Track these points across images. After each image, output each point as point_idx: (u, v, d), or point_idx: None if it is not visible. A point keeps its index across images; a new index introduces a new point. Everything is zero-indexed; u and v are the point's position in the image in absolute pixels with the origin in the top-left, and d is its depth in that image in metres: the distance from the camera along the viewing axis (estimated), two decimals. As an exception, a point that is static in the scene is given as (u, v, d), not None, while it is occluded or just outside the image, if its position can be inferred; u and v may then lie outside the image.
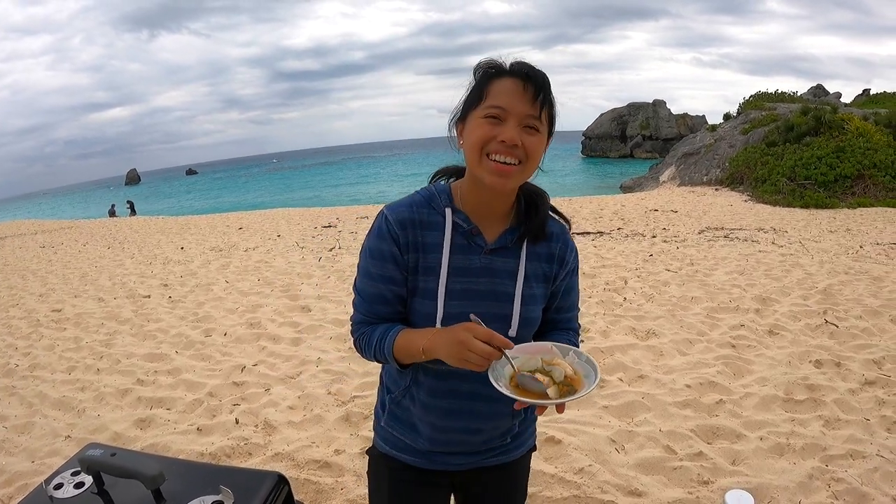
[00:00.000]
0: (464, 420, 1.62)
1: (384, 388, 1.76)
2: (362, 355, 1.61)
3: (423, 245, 1.51)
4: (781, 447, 3.59)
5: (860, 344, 5.15)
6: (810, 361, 4.83)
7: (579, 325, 1.78)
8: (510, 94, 1.38)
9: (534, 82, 1.39)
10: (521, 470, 1.87)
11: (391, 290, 1.53)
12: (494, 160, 1.39)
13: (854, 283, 7.22)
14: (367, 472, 1.86)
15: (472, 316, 1.39)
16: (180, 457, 3.67)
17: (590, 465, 3.40)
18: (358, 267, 1.60)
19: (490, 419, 1.62)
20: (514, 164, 1.40)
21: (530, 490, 3.20)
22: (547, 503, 3.13)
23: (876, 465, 3.33)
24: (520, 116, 1.39)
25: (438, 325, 1.49)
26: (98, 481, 1.38)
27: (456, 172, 1.64)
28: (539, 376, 1.36)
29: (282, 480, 1.44)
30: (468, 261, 1.53)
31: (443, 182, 1.65)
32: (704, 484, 3.25)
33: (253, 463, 3.67)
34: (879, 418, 3.90)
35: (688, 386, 4.42)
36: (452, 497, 1.87)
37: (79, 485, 1.41)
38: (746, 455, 3.52)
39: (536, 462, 3.48)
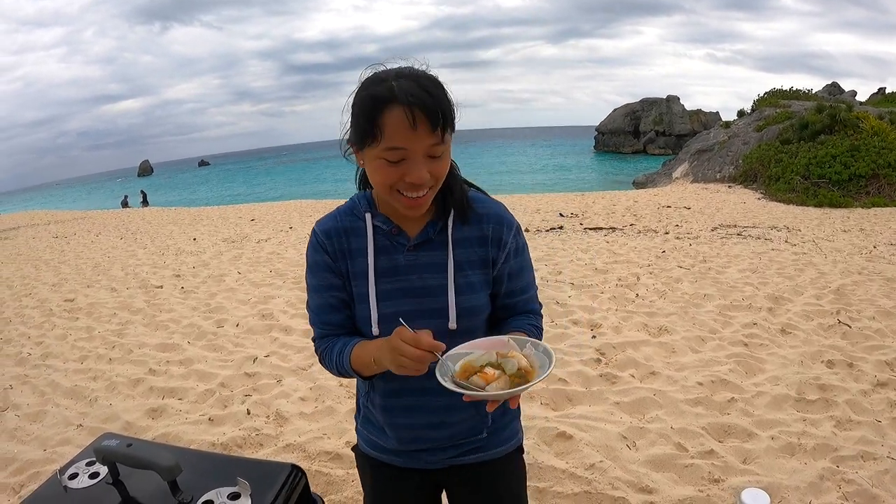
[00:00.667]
0: (423, 415, 1.61)
1: (358, 392, 1.79)
2: (327, 370, 1.62)
3: (349, 251, 1.54)
4: (793, 447, 3.57)
5: (873, 345, 5.11)
6: (822, 361, 4.81)
7: (540, 305, 1.73)
8: (405, 132, 1.30)
9: (428, 113, 1.29)
10: (509, 472, 1.81)
11: (335, 297, 1.56)
12: (406, 195, 1.38)
13: (867, 284, 7.17)
14: (357, 468, 1.88)
15: (400, 320, 1.36)
16: (192, 447, 3.68)
17: (601, 462, 3.40)
18: (306, 287, 1.62)
19: (449, 411, 1.59)
20: (427, 191, 1.39)
21: (541, 485, 3.21)
22: (558, 498, 3.13)
23: (887, 468, 3.31)
24: (423, 150, 1.33)
25: (374, 327, 1.50)
26: (113, 472, 1.39)
27: None
28: (489, 370, 1.34)
29: (298, 472, 1.44)
30: (393, 260, 1.53)
31: (364, 191, 1.63)
32: (715, 482, 3.24)
33: (264, 454, 3.69)
34: (891, 420, 3.87)
35: (700, 384, 4.41)
36: (445, 499, 1.86)
37: (94, 475, 1.42)
38: (757, 454, 3.51)
39: (548, 457, 3.48)
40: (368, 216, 1.54)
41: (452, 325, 1.50)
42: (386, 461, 1.72)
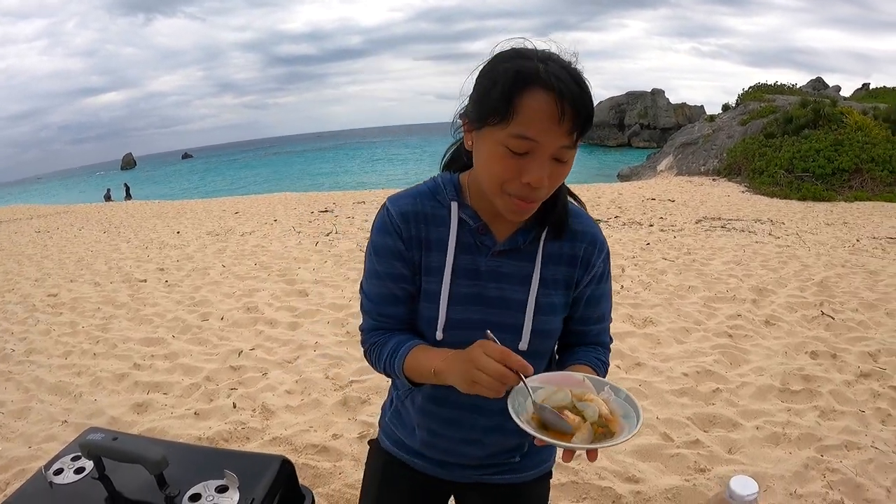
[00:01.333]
0: (463, 431, 1.47)
1: (392, 385, 1.63)
2: (373, 367, 1.46)
3: (426, 241, 1.36)
4: (777, 436, 3.60)
5: (856, 336, 5.16)
6: (806, 352, 4.85)
7: (611, 339, 1.56)
8: (544, 122, 1.11)
9: (576, 107, 1.12)
10: (535, 497, 1.68)
11: (401, 289, 1.39)
12: (515, 196, 1.20)
13: (850, 276, 7.23)
14: (365, 462, 1.75)
15: (487, 332, 1.19)
16: (179, 441, 3.67)
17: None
18: (364, 268, 1.45)
19: (492, 432, 1.47)
20: (537, 200, 1.23)
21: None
22: (544, 490, 3.14)
23: (871, 457, 3.35)
24: (552, 150, 1.15)
25: (440, 331, 1.34)
26: (99, 466, 1.37)
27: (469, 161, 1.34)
28: (567, 414, 1.14)
29: (286, 464, 1.43)
30: (474, 262, 1.36)
31: (450, 173, 1.43)
32: (701, 472, 3.27)
33: (251, 447, 3.68)
34: (874, 410, 3.92)
35: (685, 374, 4.43)
36: None
37: (79, 470, 1.40)
38: (743, 444, 3.54)
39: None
40: (455, 205, 1.36)
41: (524, 345, 1.35)
42: (407, 462, 1.60)
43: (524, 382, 1.14)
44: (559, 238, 1.38)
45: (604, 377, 1.39)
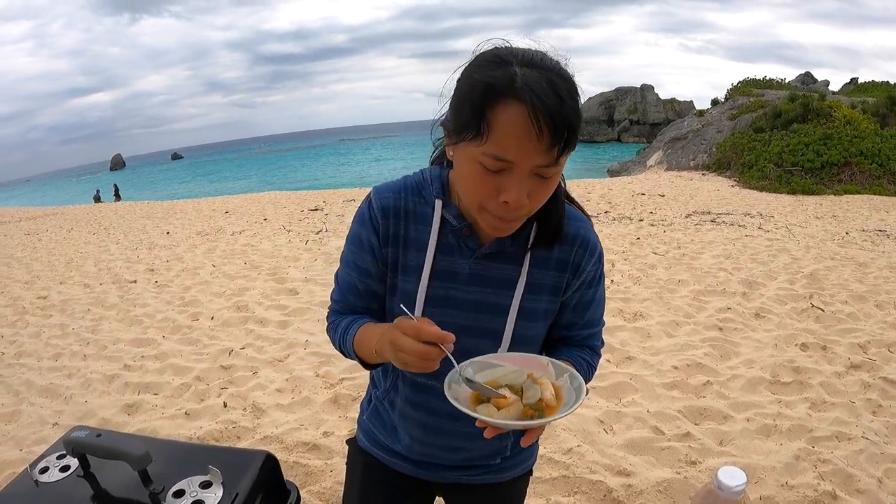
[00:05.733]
0: (443, 438, 1.44)
1: (371, 383, 1.59)
2: (334, 347, 1.43)
3: (405, 239, 1.30)
4: (768, 428, 3.61)
5: (846, 328, 5.18)
6: (796, 345, 4.86)
7: (602, 343, 1.50)
8: (520, 139, 1.01)
9: (553, 124, 1.00)
10: (514, 493, 1.66)
11: (364, 284, 1.36)
12: (494, 215, 1.13)
13: (840, 269, 7.26)
14: (346, 463, 1.70)
15: (401, 306, 1.16)
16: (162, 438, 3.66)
17: (578, 446, 3.42)
18: (342, 253, 1.41)
19: (472, 439, 1.42)
20: (518, 218, 1.16)
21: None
22: (536, 483, 3.14)
23: (861, 447, 3.36)
24: (530, 168, 1.06)
25: (395, 321, 1.20)
26: (84, 464, 1.36)
27: None
28: (506, 392, 1.13)
29: (270, 459, 1.42)
30: (455, 264, 1.29)
31: (440, 167, 1.35)
32: (692, 464, 3.27)
33: (242, 446, 3.66)
34: (865, 401, 3.93)
35: (675, 367, 4.44)
36: None
37: (64, 468, 1.39)
38: (733, 436, 3.54)
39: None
40: (439, 203, 1.29)
41: (503, 351, 1.29)
42: (386, 463, 1.56)
43: (451, 357, 1.10)
44: (553, 243, 1.31)
45: (589, 378, 1.36)
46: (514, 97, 1.00)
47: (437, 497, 1.68)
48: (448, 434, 1.41)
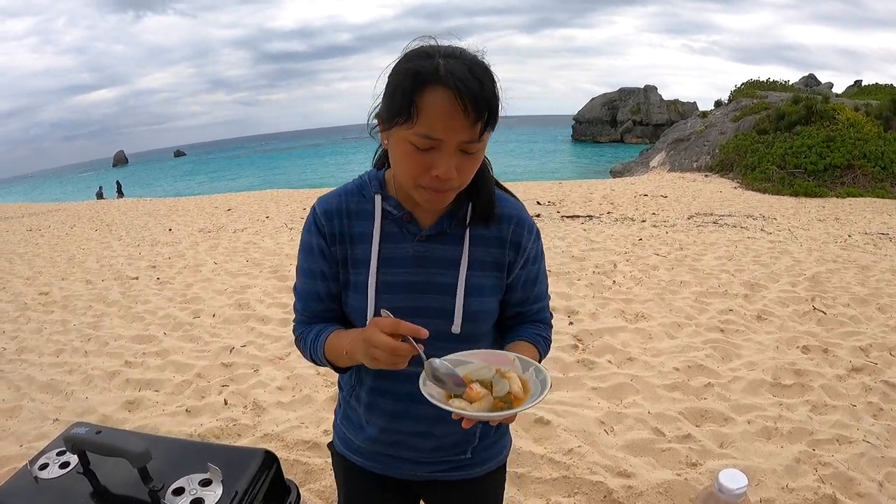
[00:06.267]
0: (409, 423, 1.49)
1: (339, 387, 1.66)
2: (305, 359, 1.51)
3: (350, 236, 1.41)
4: (769, 431, 3.61)
5: (847, 331, 5.17)
6: (798, 347, 4.85)
7: (551, 315, 1.63)
8: (446, 119, 1.16)
9: (475, 102, 1.15)
10: (491, 490, 1.72)
11: (322, 286, 1.44)
12: (428, 189, 1.25)
13: (842, 272, 7.24)
14: (332, 466, 1.77)
15: (382, 310, 1.23)
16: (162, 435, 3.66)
17: (579, 447, 3.41)
18: (296, 267, 1.51)
19: (437, 423, 1.46)
20: (450, 191, 1.27)
21: (520, 471, 3.22)
22: (536, 484, 3.14)
23: (862, 451, 3.35)
24: (456, 144, 1.19)
25: (369, 320, 1.32)
26: (83, 460, 1.36)
27: None
28: (476, 386, 1.22)
29: (271, 457, 1.42)
30: (400, 250, 1.39)
31: (376, 170, 1.49)
32: (693, 466, 3.27)
33: (242, 444, 3.65)
34: (866, 404, 3.92)
35: (676, 369, 4.43)
36: None
37: (64, 465, 1.39)
38: (734, 438, 3.53)
39: (526, 443, 3.49)
40: (378, 198, 1.41)
41: (456, 328, 1.38)
42: (361, 465, 1.61)
43: (422, 355, 1.18)
44: (486, 222, 1.42)
45: (547, 350, 1.53)
46: (439, 83, 1.14)
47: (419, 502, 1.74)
48: (414, 418, 1.45)
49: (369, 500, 1.65)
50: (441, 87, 1.14)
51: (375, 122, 1.31)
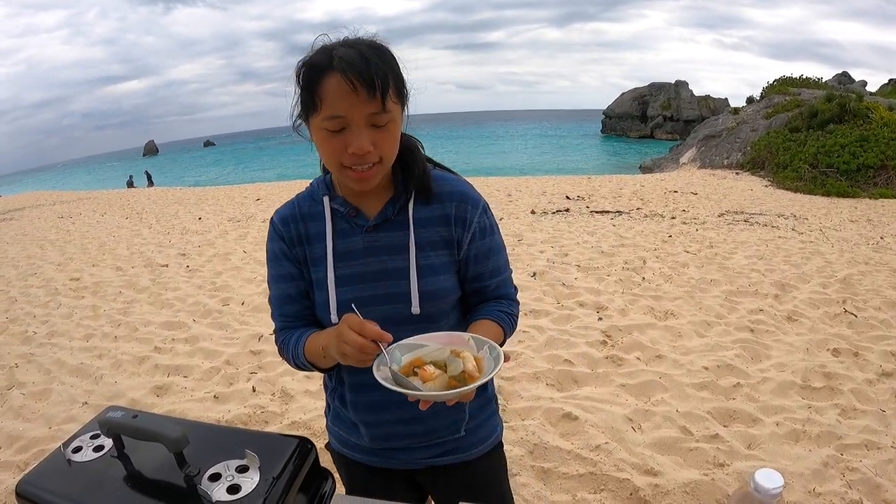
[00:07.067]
0: (394, 411, 1.53)
1: (325, 389, 1.71)
2: (289, 365, 1.56)
3: (307, 237, 1.50)
4: (797, 433, 3.57)
5: (879, 335, 5.09)
6: (828, 350, 4.79)
7: (516, 289, 1.65)
8: (345, 98, 1.25)
9: (364, 78, 1.24)
10: (491, 471, 1.74)
11: (293, 286, 1.53)
12: (353, 169, 1.32)
13: (874, 274, 7.14)
14: (335, 465, 1.79)
15: (352, 306, 1.32)
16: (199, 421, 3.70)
17: (606, 443, 3.40)
18: (266, 279, 1.62)
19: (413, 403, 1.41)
20: (374, 165, 1.33)
21: (546, 466, 3.21)
22: (562, 479, 3.13)
23: (891, 457, 3.31)
24: (362, 118, 1.27)
25: (333, 314, 1.44)
26: (118, 444, 1.37)
27: None
28: (430, 368, 1.27)
29: (308, 445, 1.42)
30: (352, 243, 1.47)
31: (323, 175, 1.58)
32: (720, 466, 3.25)
33: (270, 431, 3.69)
34: (895, 410, 3.88)
35: (705, 368, 4.40)
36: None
37: (98, 448, 1.39)
38: (762, 440, 3.50)
39: (553, 437, 3.48)
40: (326, 199, 1.50)
41: (416, 309, 1.44)
42: (360, 460, 1.66)
43: (383, 350, 1.24)
44: (427, 203, 1.48)
45: (512, 326, 1.55)
46: (331, 69, 1.25)
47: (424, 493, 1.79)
48: (398, 405, 1.46)
49: (374, 496, 1.60)
50: (334, 73, 1.25)
51: (300, 121, 1.39)
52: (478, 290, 1.57)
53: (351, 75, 1.23)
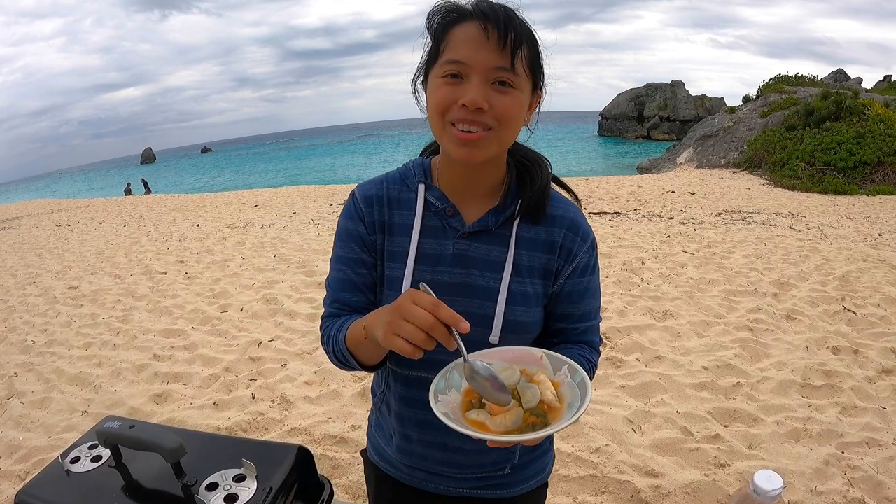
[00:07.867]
0: (438, 434, 1.36)
1: (372, 391, 1.56)
2: (328, 357, 1.35)
3: (390, 226, 1.31)
4: (798, 432, 3.57)
5: (878, 332, 5.10)
6: (828, 347, 4.80)
7: (600, 340, 1.43)
8: (470, 44, 1.11)
9: (497, 22, 1.10)
10: None
11: (360, 275, 1.33)
12: (458, 129, 1.14)
13: (873, 271, 7.14)
14: (364, 473, 1.69)
15: (421, 284, 1.04)
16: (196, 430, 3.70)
17: (606, 445, 3.40)
18: (331, 258, 1.40)
19: (469, 438, 1.17)
20: (482, 132, 1.14)
21: (546, 470, 3.21)
22: (564, 482, 3.13)
23: (892, 454, 3.32)
24: (485, 70, 1.12)
25: (405, 290, 1.24)
26: (116, 454, 1.37)
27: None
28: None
29: (305, 453, 1.42)
30: (441, 246, 1.28)
31: (421, 159, 1.40)
32: (721, 467, 3.24)
33: (269, 438, 3.69)
34: (896, 407, 3.87)
35: (705, 368, 4.40)
36: None
37: (96, 458, 1.40)
38: (763, 439, 3.50)
39: (553, 440, 3.48)
40: (422, 188, 1.31)
41: (494, 338, 1.25)
42: (393, 475, 1.51)
43: (456, 338, 0.98)
44: (535, 222, 1.30)
45: (591, 377, 1.29)
46: (465, 15, 1.14)
47: None
48: (446, 430, 1.11)
49: None
50: (466, 19, 1.14)
51: (421, 77, 1.25)
52: (561, 331, 1.37)
53: (489, 21, 1.10)
